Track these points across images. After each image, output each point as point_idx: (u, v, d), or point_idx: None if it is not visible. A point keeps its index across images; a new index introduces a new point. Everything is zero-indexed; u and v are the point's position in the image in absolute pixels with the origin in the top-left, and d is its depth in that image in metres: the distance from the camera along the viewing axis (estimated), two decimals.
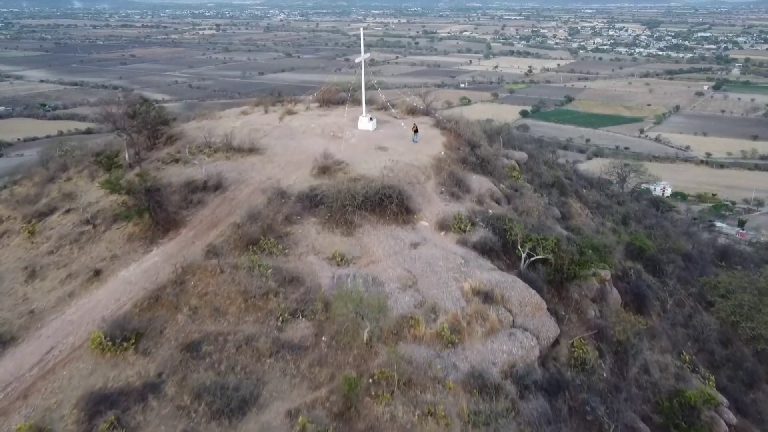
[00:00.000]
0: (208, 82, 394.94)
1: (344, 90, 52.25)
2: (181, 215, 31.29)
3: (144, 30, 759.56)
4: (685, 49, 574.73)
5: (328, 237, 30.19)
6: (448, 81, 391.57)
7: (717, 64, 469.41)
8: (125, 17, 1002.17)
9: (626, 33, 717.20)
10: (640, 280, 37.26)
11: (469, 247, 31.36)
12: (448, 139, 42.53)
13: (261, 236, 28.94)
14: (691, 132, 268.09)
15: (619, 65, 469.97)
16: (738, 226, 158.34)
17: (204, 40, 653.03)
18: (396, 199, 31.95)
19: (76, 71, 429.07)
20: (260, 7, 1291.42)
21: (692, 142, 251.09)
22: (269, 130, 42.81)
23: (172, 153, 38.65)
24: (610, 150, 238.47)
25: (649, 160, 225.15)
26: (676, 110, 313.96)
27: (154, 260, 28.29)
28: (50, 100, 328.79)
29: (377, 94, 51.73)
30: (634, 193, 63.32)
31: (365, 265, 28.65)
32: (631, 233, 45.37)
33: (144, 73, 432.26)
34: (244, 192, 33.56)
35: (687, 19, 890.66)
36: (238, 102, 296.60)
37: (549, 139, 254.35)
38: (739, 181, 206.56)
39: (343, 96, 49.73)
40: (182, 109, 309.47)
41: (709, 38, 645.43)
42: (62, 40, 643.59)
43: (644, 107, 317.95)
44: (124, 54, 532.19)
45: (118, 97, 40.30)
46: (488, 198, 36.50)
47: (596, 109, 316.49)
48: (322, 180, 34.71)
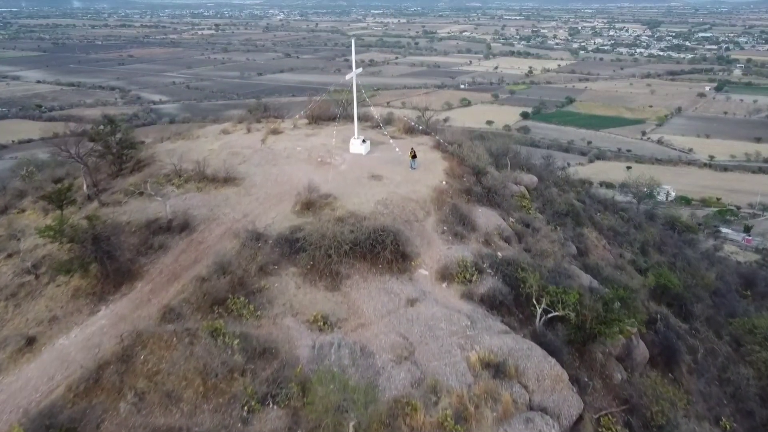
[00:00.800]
0: (206, 83, 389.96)
1: (337, 102, 47.51)
2: (138, 264, 26.66)
3: (143, 30, 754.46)
4: (686, 49, 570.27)
5: (309, 292, 25.55)
6: (448, 82, 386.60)
7: (718, 65, 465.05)
8: (124, 17, 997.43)
9: (627, 33, 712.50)
10: (669, 330, 32.62)
11: (476, 302, 26.74)
12: (450, 164, 37.83)
13: (229, 294, 24.34)
14: (693, 134, 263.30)
15: (620, 66, 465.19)
16: (744, 231, 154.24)
17: (203, 40, 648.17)
18: (390, 245, 27.32)
19: (74, 72, 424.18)
20: (260, 7, 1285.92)
21: (695, 145, 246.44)
22: (249, 154, 38.08)
23: (137, 182, 33.97)
24: (612, 152, 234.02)
25: (652, 163, 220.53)
26: (678, 112, 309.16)
27: (101, 324, 23.68)
28: (47, 101, 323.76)
29: (371, 109, 46.78)
30: (647, 211, 58.75)
31: (353, 329, 24.03)
32: (654, 268, 40.78)
33: (142, 73, 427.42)
34: (214, 233, 28.92)
35: (687, 19, 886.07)
36: (235, 104, 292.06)
37: (550, 141, 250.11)
38: (744, 184, 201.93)
39: (335, 112, 44.90)
40: (179, 110, 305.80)
41: (710, 38, 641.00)
42: (60, 40, 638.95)
43: (646, 108, 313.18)
44: (122, 54, 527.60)
45: (69, 128, 35.25)
46: (496, 237, 31.84)
47: (597, 110, 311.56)
48: (306, 218, 30.07)
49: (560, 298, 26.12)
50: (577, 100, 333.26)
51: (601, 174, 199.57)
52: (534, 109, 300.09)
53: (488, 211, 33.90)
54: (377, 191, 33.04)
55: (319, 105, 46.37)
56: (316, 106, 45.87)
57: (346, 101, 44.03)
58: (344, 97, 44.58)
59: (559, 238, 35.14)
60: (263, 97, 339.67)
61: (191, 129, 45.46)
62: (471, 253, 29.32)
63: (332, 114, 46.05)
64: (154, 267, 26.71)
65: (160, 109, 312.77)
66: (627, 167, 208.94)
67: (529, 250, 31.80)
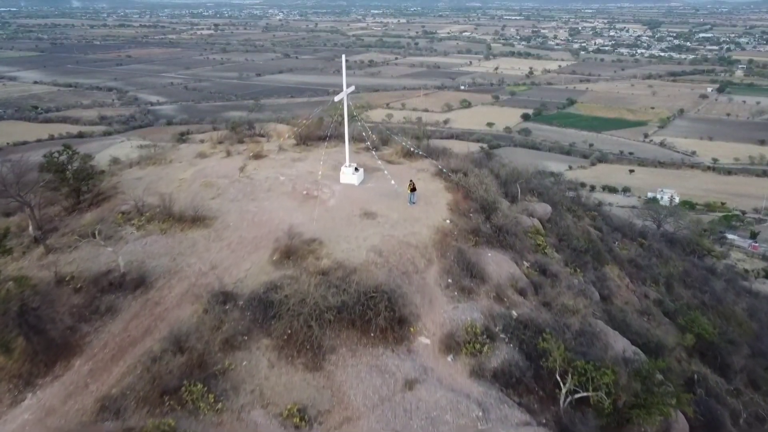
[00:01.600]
0: (205, 84, 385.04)
1: (327, 120, 42.67)
2: (78, 334, 21.98)
3: (141, 30, 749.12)
4: (687, 50, 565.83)
5: (285, 373, 20.84)
6: (448, 83, 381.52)
7: (720, 66, 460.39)
8: (123, 17, 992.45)
9: (627, 33, 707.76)
10: (710, 397, 27.93)
11: (488, 380, 22.03)
12: (454, 197, 33.03)
13: (184, 379, 19.61)
14: (696, 136, 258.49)
15: (621, 66, 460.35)
16: (750, 238, 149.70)
17: (202, 40, 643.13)
18: (385, 309, 22.60)
19: (71, 72, 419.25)
20: (259, 7, 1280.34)
21: (698, 147, 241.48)
22: (225, 186, 33.23)
23: (93, 221, 29.22)
24: (615, 155, 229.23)
25: (655, 166, 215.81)
26: (681, 114, 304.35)
27: (23, 419, 18.97)
28: (43, 102, 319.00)
29: (366, 128, 41.80)
30: (666, 234, 54.08)
31: (337, 426, 19.32)
32: (683, 310, 36.07)
33: (140, 74, 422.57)
34: (174, 292, 24.20)
35: (688, 19, 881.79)
36: (233, 105, 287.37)
37: (551, 143, 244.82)
38: (748, 188, 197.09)
39: (325, 132, 40.00)
40: (177, 111, 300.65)
41: (711, 39, 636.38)
42: (59, 40, 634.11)
43: (648, 110, 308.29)
44: (120, 54, 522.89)
45: (7, 162, 30.08)
46: (510, 288, 27.11)
47: (599, 112, 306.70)
48: (285, 270, 25.34)
49: (590, 376, 21.46)
50: (578, 101, 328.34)
51: (604, 177, 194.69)
52: (535, 111, 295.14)
53: (499, 256, 29.13)
54: (370, 234, 28.26)
55: (308, 123, 41.45)
56: (306, 123, 40.92)
57: (338, 119, 39.13)
58: (336, 115, 39.67)
59: (580, 283, 30.39)
60: (262, 98, 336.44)
61: (165, 152, 40.47)
62: (481, 314, 24.60)
63: (322, 134, 41.20)
64: (97, 338, 21.99)
65: (158, 111, 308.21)
66: (630, 171, 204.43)
67: (548, 304, 27.05)
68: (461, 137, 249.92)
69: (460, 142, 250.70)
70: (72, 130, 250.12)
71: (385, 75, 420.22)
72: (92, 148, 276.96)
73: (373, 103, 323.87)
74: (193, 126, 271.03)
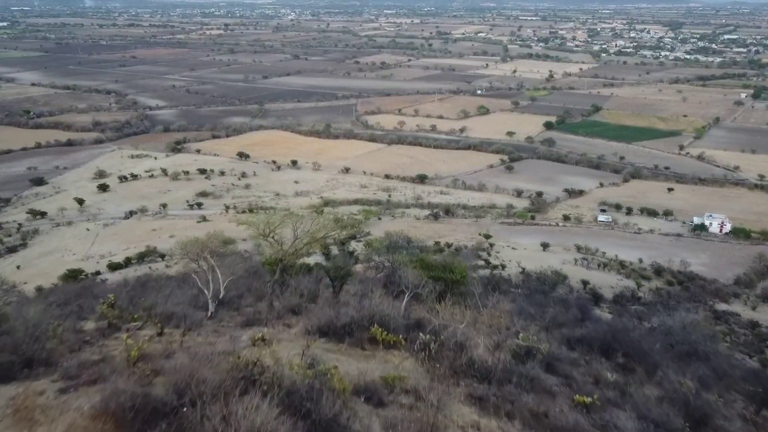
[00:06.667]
0: (208, 86, 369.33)
1: None
2: None
3: (151, 29, 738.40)
4: (714, 52, 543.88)
5: None
6: (463, 86, 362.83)
7: (751, 69, 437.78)
8: (134, 16, 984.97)
9: (648, 35, 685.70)
10: None
11: None
12: None
13: None
14: (737, 148, 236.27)
15: (645, 70, 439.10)
16: None
17: (210, 40, 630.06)
18: None
19: (72, 74, 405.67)
20: (271, 6, 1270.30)
21: (740, 161, 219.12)
22: None
23: None
24: (649, 170, 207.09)
25: (695, 183, 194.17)
26: (717, 122, 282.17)
27: None
28: (37, 105, 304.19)
29: None
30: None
31: None
32: None
33: (142, 76, 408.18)
34: None
35: (709, 20, 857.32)
36: (236, 110, 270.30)
37: (578, 156, 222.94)
38: None
39: None
40: (176, 116, 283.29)
41: (737, 41, 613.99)
42: (65, 40, 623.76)
43: (680, 118, 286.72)
44: (125, 55, 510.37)
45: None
46: None
47: (627, 120, 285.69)
48: None
49: None
50: (603, 107, 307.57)
51: (640, 197, 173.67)
52: (558, 119, 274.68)
53: None
54: None
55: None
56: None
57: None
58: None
59: None
60: (266, 102, 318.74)
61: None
62: None
63: None
64: None
65: (156, 116, 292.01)
66: (668, 189, 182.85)
67: None
68: (479, 148, 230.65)
69: (477, 153, 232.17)
70: (61, 138, 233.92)
71: (397, 78, 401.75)
72: (80, 158, 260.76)
73: (384, 108, 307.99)
74: (190, 133, 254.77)
